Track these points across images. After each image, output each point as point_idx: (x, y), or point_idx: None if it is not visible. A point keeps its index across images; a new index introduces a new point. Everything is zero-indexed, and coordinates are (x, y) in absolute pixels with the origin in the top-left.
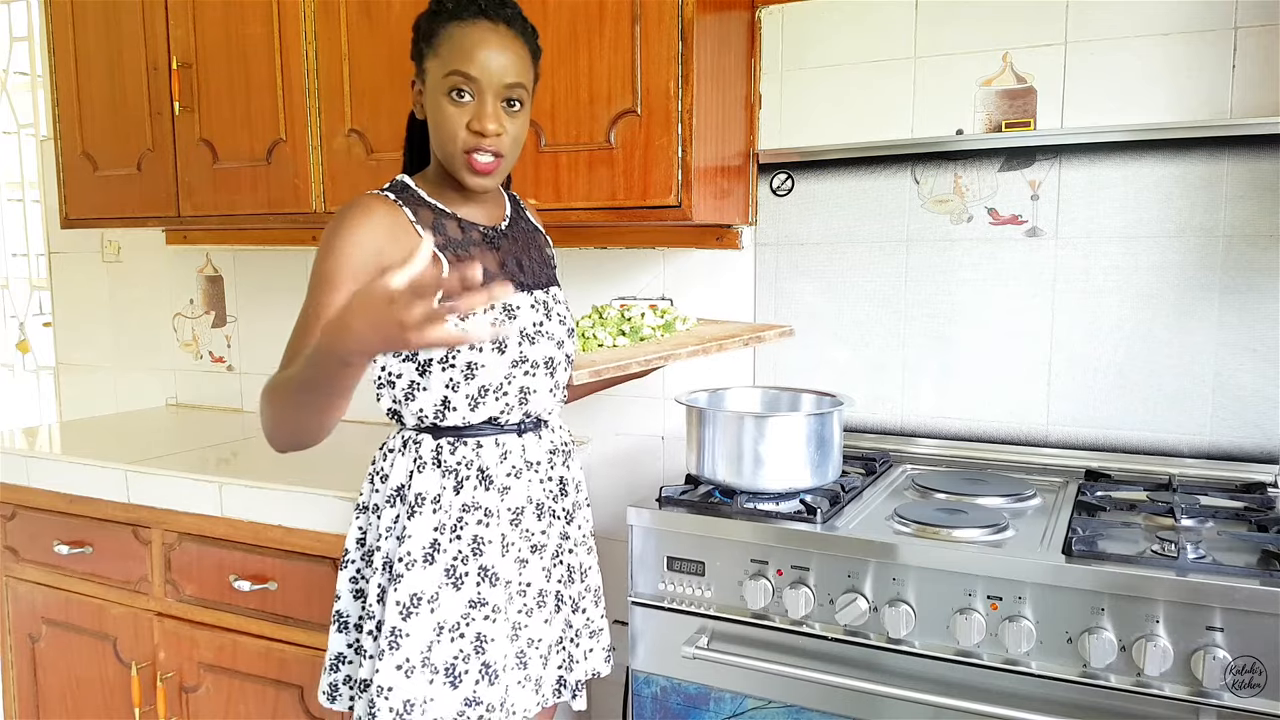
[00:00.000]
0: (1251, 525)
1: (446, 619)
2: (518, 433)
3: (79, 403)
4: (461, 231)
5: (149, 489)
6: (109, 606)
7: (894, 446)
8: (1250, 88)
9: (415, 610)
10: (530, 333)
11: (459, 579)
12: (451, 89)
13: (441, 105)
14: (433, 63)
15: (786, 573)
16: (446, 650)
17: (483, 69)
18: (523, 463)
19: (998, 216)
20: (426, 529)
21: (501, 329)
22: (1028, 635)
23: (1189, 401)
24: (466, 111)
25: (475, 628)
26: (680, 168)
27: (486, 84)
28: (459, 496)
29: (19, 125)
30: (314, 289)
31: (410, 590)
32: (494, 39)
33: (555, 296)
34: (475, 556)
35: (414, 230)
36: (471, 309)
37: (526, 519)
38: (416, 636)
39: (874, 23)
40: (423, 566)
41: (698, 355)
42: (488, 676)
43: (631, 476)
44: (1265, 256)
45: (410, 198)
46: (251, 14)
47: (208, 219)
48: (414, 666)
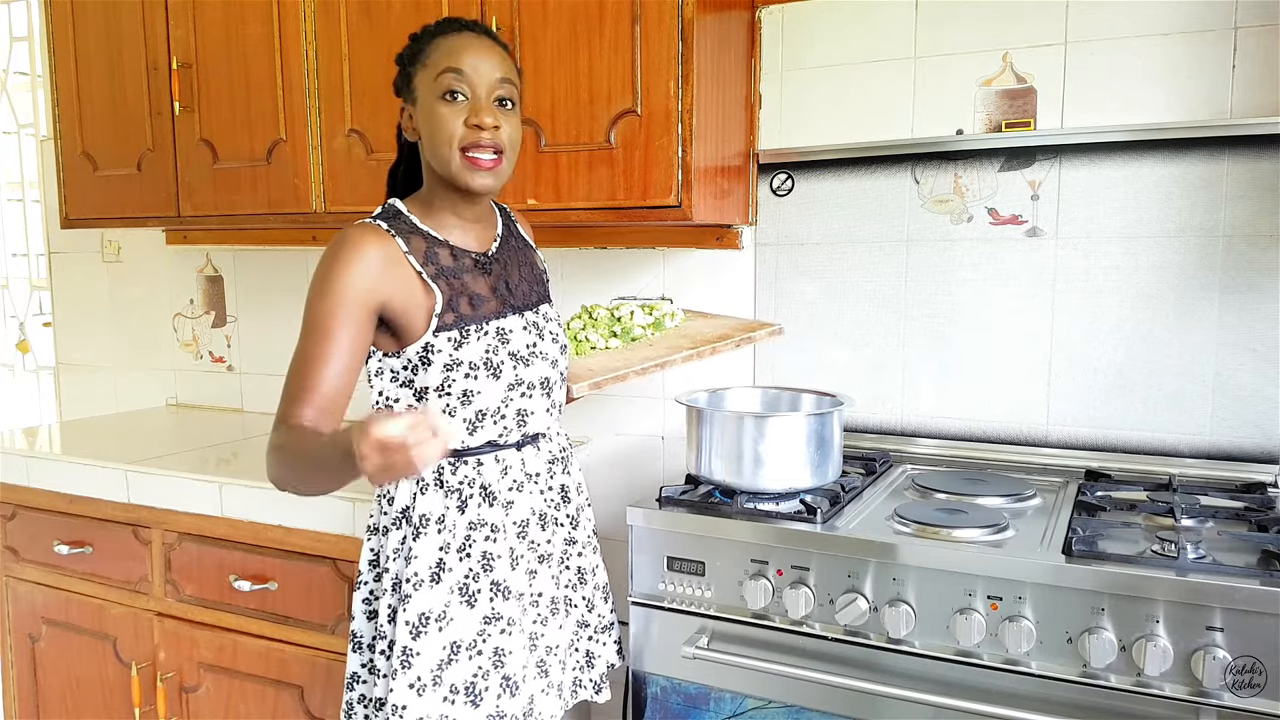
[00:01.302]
0: (1251, 525)
1: (463, 637)
2: (516, 447)
3: (79, 403)
4: (454, 259)
5: (149, 489)
6: (109, 606)
7: (894, 446)
8: (1250, 88)
9: (424, 629)
10: (524, 354)
11: (472, 597)
12: (445, 90)
13: (436, 109)
14: (422, 75)
15: (786, 573)
16: (465, 669)
17: (474, 67)
18: (523, 475)
19: (998, 216)
20: (432, 549)
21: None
22: (1028, 635)
23: (1189, 401)
24: (462, 110)
25: (493, 642)
26: (680, 168)
27: (479, 80)
28: (464, 515)
29: (19, 125)
30: (312, 331)
31: (419, 610)
32: (479, 44)
33: (545, 314)
34: (486, 573)
35: (406, 262)
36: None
37: (532, 530)
38: (427, 655)
39: (874, 23)
40: (430, 586)
41: (692, 360)
42: (509, 689)
43: (631, 476)
44: (1265, 256)
45: (402, 225)
46: (251, 14)
47: (208, 219)
48: (425, 685)
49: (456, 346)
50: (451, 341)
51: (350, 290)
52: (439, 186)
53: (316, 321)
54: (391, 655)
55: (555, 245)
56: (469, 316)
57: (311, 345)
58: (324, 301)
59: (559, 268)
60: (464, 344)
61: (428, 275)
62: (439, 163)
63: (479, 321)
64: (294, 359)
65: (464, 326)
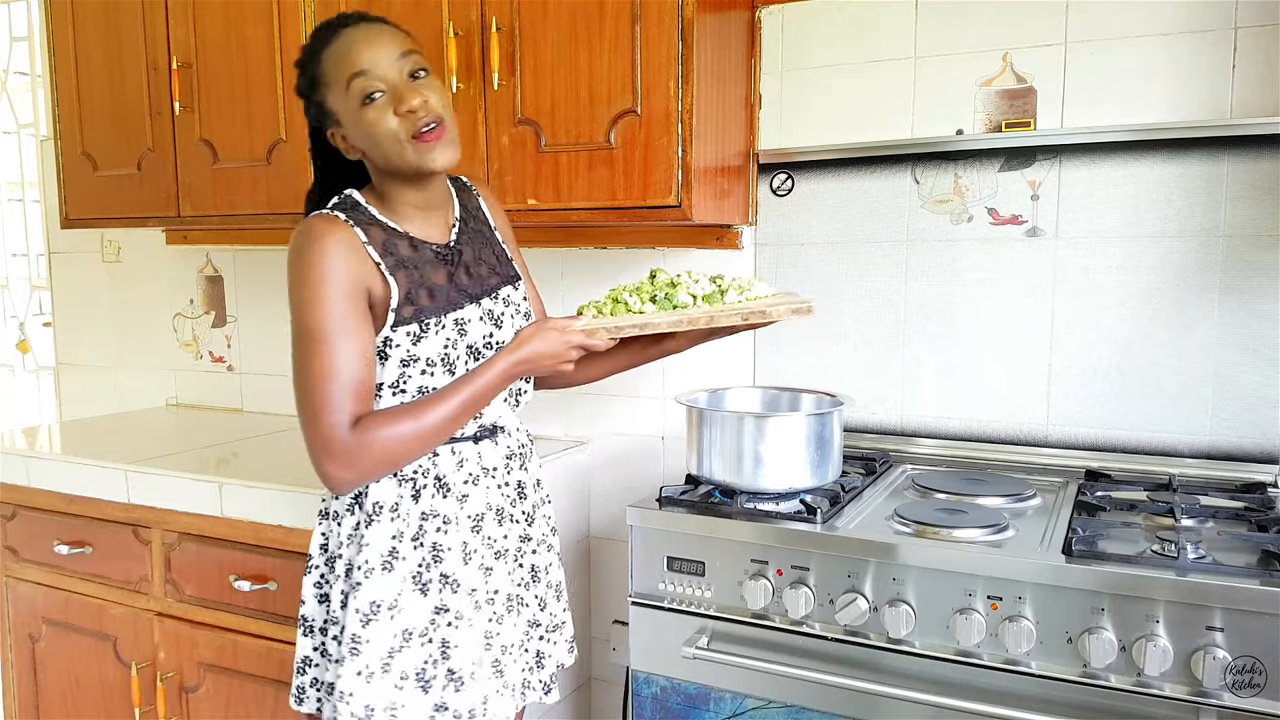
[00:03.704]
0: (1251, 525)
1: (414, 625)
2: (474, 440)
3: (79, 403)
4: (414, 249)
5: (149, 489)
6: (109, 606)
7: (894, 446)
8: (1250, 88)
9: (375, 617)
10: (478, 346)
11: (425, 585)
12: (363, 95)
13: (364, 117)
14: (332, 94)
15: (786, 573)
16: (416, 655)
17: (373, 60)
18: (479, 469)
19: (998, 216)
20: (385, 537)
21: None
22: (1028, 635)
23: (1189, 401)
24: (386, 105)
25: (440, 634)
26: (680, 168)
27: (384, 69)
28: (418, 504)
29: (19, 125)
30: (309, 342)
31: (369, 598)
32: (361, 33)
33: (507, 298)
34: (436, 564)
35: (366, 253)
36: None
37: (488, 525)
38: (376, 643)
39: (874, 22)
40: (381, 574)
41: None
42: (454, 683)
43: (631, 476)
44: (1265, 256)
45: (361, 216)
46: (251, 14)
47: (208, 219)
48: (374, 673)
49: (415, 341)
50: (410, 336)
51: (338, 275)
52: (389, 180)
53: (312, 334)
54: (342, 641)
55: (555, 245)
56: (428, 309)
57: (317, 355)
58: (313, 313)
59: (559, 267)
60: (422, 338)
61: (386, 267)
62: (397, 162)
63: (438, 314)
64: (303, 370)
65: (423, 320)
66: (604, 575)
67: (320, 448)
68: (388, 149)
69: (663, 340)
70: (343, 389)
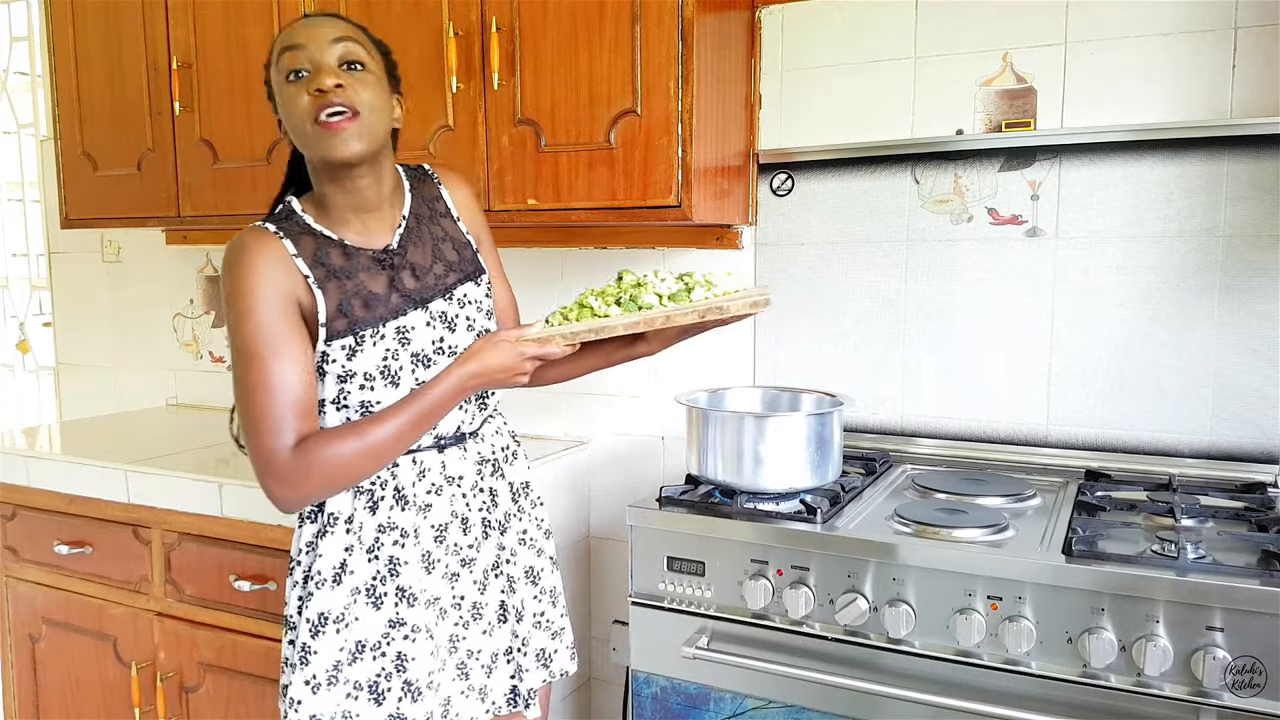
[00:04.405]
0: (1251, 525)
1: (367, 637)
2: (437, 449)
3: (79, 403)
4: (347, 257)
5: (149, 489)
6: (109, 606)
7: (894, 446)
8: (1250, 88)
9: (322, 629)
10: (427, 353)
11: (378, 599)
12: (288, 72)
13: (284, 92)
14: (273, 72)
15: (786, 573)
16: (368, 668)
17: (308, 36)
18: (443, 479)
19: (998, 216)
20: (337, 549)
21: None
22: (1028, 635)
23: (1189, 401)
24: (305, 84)
25: (395, 647)
26: (680, 168)
27: (315, 48)
28: (374, 517)
29: (19, 125)
30: (245, 360)
31: (318, 609)
32: (314, 19)
33: (464, 298)
34: (392, 577)
35: (294, 265)
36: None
37: (453, 534)
38: (324, 654)
39: (874, 22)
40: (331, 586)
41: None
42: (410, 694)
43: (631, 476)
44: (1265, 256)
45: (294, 226)
46: (251, 14)
47: (208, 219)
48: (320, 684)
49: (350, 355)
50: (345, 350)
51: (266, 291)
52: (321, 179)
53: (250, 352)
54: (295, 646)
55: (555, 245)
56: (363, 320)
57: (256, 372)
58: (244, 330)
59: (559, 268)
60: (358, 351)
61: (315, 279)
62: (304, 146)
63: (375, 324)
64: (244, 389)
65: (358, 332)
66: (604, 575)
67: (261, 468)
68: (296, 129)
69: (633, 342)
70: (281, 408)
